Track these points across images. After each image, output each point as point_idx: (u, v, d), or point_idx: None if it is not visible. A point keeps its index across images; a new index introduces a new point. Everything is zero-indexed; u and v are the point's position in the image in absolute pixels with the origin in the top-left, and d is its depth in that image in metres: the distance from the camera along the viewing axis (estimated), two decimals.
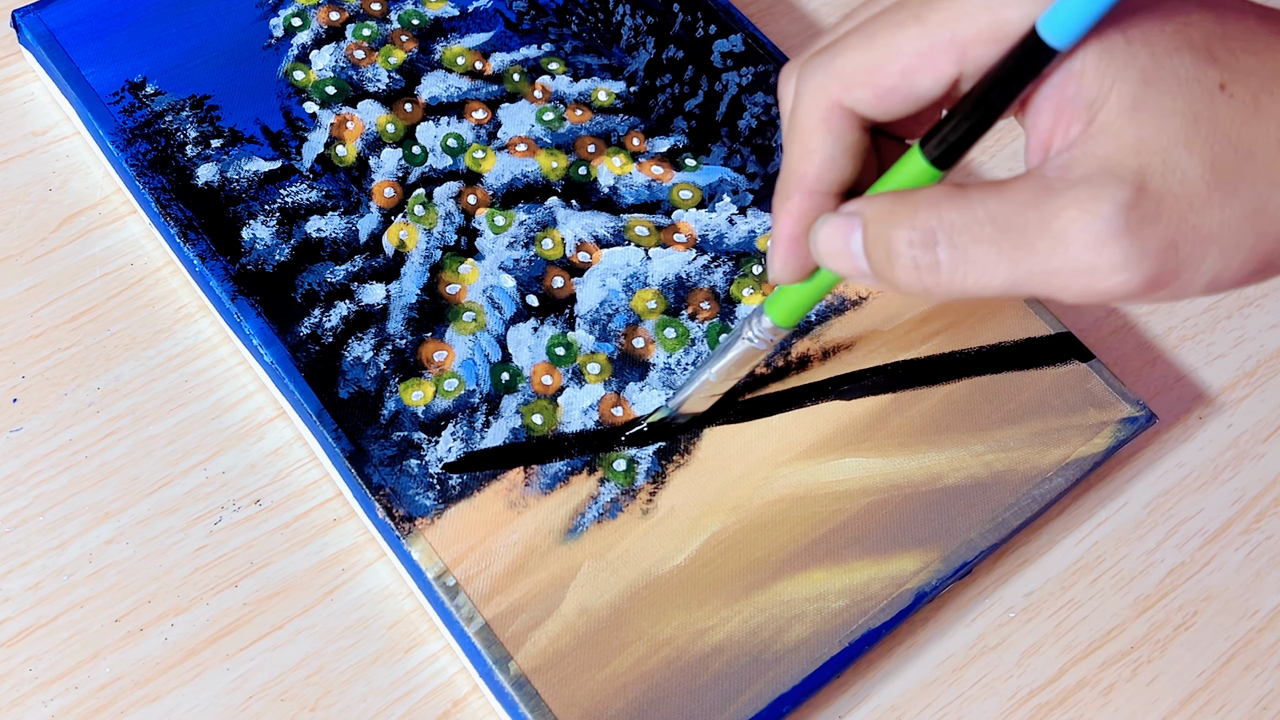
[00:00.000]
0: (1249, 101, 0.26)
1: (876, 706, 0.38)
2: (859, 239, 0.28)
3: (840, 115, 0.29)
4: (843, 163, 0.29)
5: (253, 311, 0.40)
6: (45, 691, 0.36)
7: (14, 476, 0.39)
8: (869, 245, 0.28)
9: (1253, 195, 0.26)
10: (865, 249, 0.28)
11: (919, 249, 0.27)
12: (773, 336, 0.34)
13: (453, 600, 0.36)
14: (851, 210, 0.29)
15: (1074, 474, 0.40)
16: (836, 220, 0.29)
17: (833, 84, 0.28)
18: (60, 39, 0.45)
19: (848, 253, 0.29)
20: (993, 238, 0.26)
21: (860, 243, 0.28)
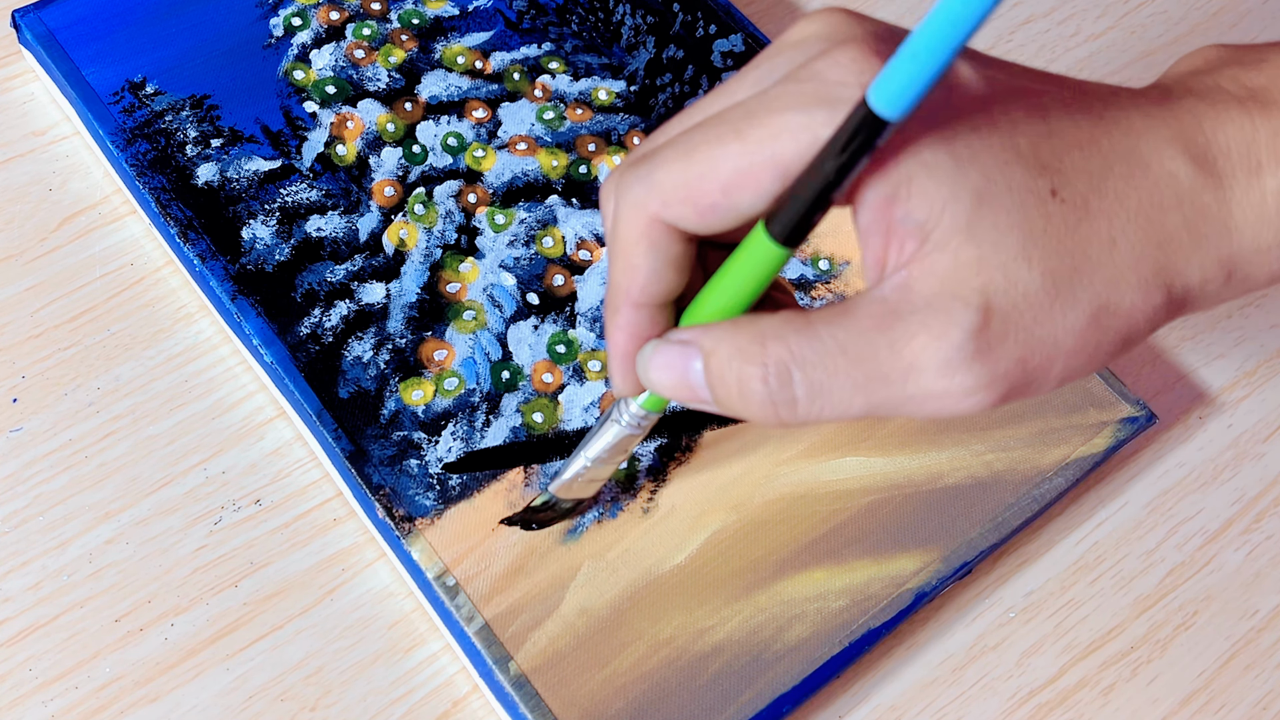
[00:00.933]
0: (1079, 204, 0.26)
1: (876, 706, 0.38)
2: (698, 370, 0.28)
3: (661, 230, 0.28)
4: (667, 275, 0.29)
5: (253, 311, 0.40)
6: (45, 691, 0.36)
7: (14, 476, 0.39)
8: (714, 380, 0.28)
9: (1092, 297, 0.26)
10: (709, 382, 0.28)
11: (774, 386, 0.27)
12: (644, 420, 0.33)
13: (453, 600, 0.36)
14: (685, 339, 0.28)
15: (1074, 474, 0.40)
16: (669, 350, 0.28)
17: (651, 199, 0.28)
18: (60, 39, 0.45)
19: (686, 384, 0.28)
20: (846, 370, 0.26)
21: (700, 374, 0.28)
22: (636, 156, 0.29)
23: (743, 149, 0.26)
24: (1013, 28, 0.53)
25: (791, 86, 0.26)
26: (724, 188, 0.27)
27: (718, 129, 0.27)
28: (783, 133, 0.26)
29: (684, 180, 0.27)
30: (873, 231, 0.26)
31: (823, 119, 0.25)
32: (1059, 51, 0.52)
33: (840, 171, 0.25)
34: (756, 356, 0.27)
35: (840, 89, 0.26)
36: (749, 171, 0.26)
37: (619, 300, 0.29)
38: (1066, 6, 0.54)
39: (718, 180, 0.27)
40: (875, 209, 0.26)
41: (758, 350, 0.27)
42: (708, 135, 0.27)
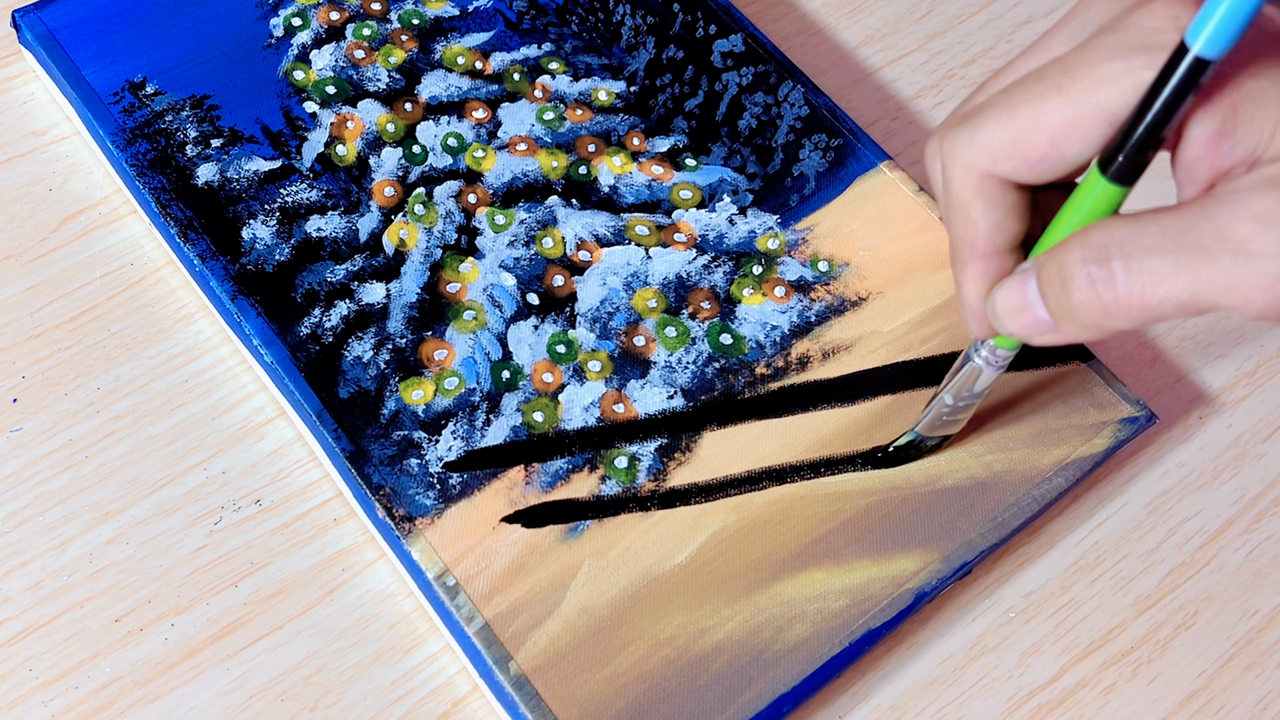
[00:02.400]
0: None
1: (876, 706, 0.38)
2: (1033, 288, 0.29)
3: (994, 184, 0.29)
4: (1007, 224, 0.30)
5: (253, 311, 0.40)
6: (45, 691, 0.36)
7: (14, 476, 0.39)
8: (1044, 283, 0.28)
9: None
10: (1040, 290, 0.29)
11: (1092, 264, 0.27)
12: (1001, 359, 0.35)
13: (453, 600, 0.36)
14: (1025, 266, 0.30)
15: (1074, 474, 0.40)
16: (1011, 282, 0.30)
17: (980, 157, 0.29)
18: (60, 39, 0.45)
19: (1023, 304, 0.29)
20: (1167, 247, 0.26)
21: (1035, 291, 0.29)
22: (957, 118, 0.30)
23: (1067, 101, 0.27)
24: (1013, 28, 0.53)
25: (1109, 38, 0.27)
26: (1052, 140, 0.28)
27: (1038, 85, 0.28)
28: (1106, 82, 0.27)
29: (1010, 137, 0.28)
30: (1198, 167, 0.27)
31: (1143, 64, 0.26)
32: None
33: (1167, 110, 0.26)
34: (1075, 243, 0.27)
35: (1158, 35, 0.27)
36: (1075, 122, 0.27)
37: (965, 253, 0.31)
38: (1066, 7, 0.54)
39: (1045, 133, 0.28)
40: (1200, 145, 0.27)
41: (1079, 238, 0.28)
42: (1029, 92, 0.28)
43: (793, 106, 0.47)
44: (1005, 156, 0.28)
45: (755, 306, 0.42)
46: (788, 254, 0.44)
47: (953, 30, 0.53)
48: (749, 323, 0.42)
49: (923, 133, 0.50)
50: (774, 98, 0.47)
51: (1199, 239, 0.26)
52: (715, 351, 0.41)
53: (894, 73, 0.51)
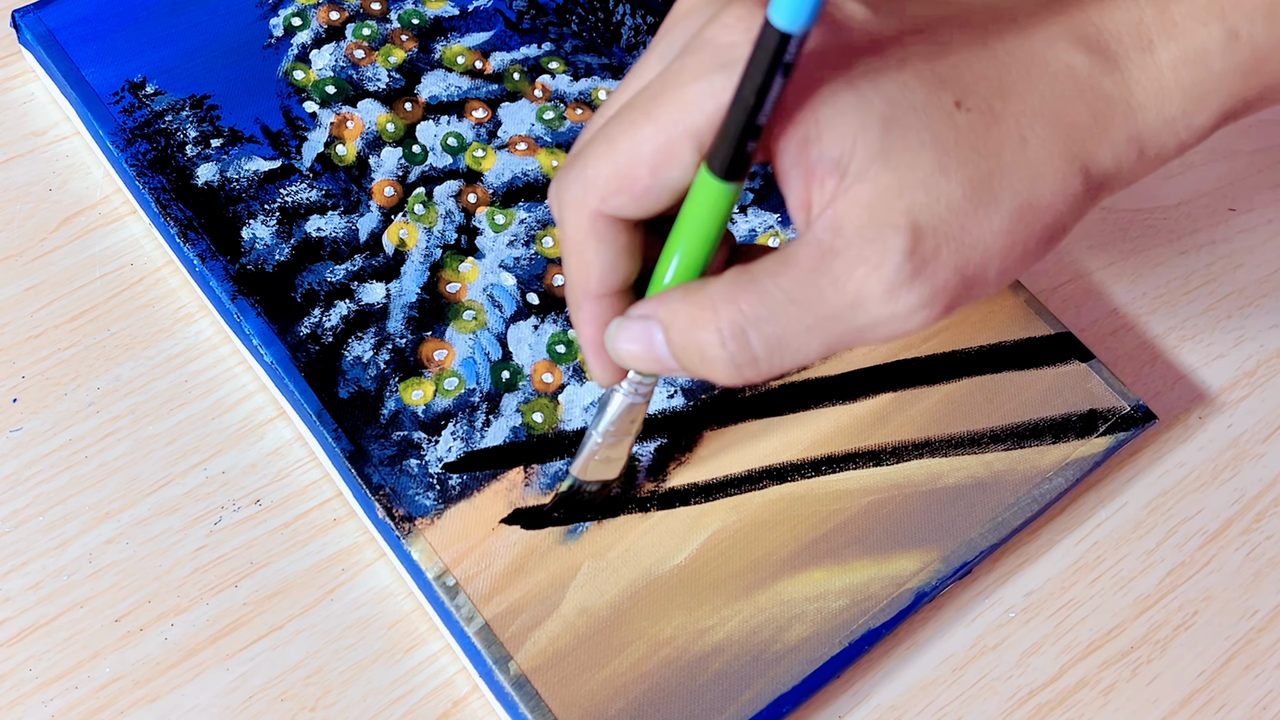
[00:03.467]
0: (985, 110, 0.27)
1: (876, 706, 0.38)
2: (660, 341, 0.29)
3: (605, 223, 0.29)
4: (621, 263, 0.30)
5: (253, 311, 0.40)
6: (45, 691, 0.36)
7: (14, 476, 0.39)
8: (677, 350, 0.29)
9: (1012, 196, 0.27)
10: (673, 353, 0.29)
11: (733, 347, 0.28)
12: (642, 387, 0.33)
13: (453, 600, 0.36)
14: (644, 313, 0.29)
15: (1074, 474, 0.40)
16: (631, 327, 0.29)
17: (589, 196, 0.29)
18: (60, 39, 0.45)
19: (653, 356, 0.29)
20: (797, 317, 0.27)
21: (664, 345, 0.29)
22: (571, 157, 0.30)
23: (657, 129, 0.27)
24: None
25: (690, 59, 0.27)
26: (651, 169, 0.28)
27: (631, 115, 0.28)
28: (688, 105, 0.27)
29: (614, 171, 0.28)
30: (792, 177, 0.27)
31: (722, 83, 0.26)
32: None
33: (759, 94, 0.25)
34: (710, 322, 0.28)
35: (733, 50, 0.27)
36: (668, 149, 0.27)
37: (579, 296, 0.31)
38: None
39: (644, 164, 0.28)
40: (791, 155, 0.27)
41: (710, 316, 0.28)
42: (623, 123, 0.28)
43: None
44: (612, 192, 0.28)
45: None
46: None
47: None
48: None
49: None
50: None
51: (827, 303, 0.27)
52: None
53: None
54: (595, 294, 0.30)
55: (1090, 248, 0.47)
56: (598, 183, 0.28)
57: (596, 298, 0.30)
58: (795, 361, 0.28)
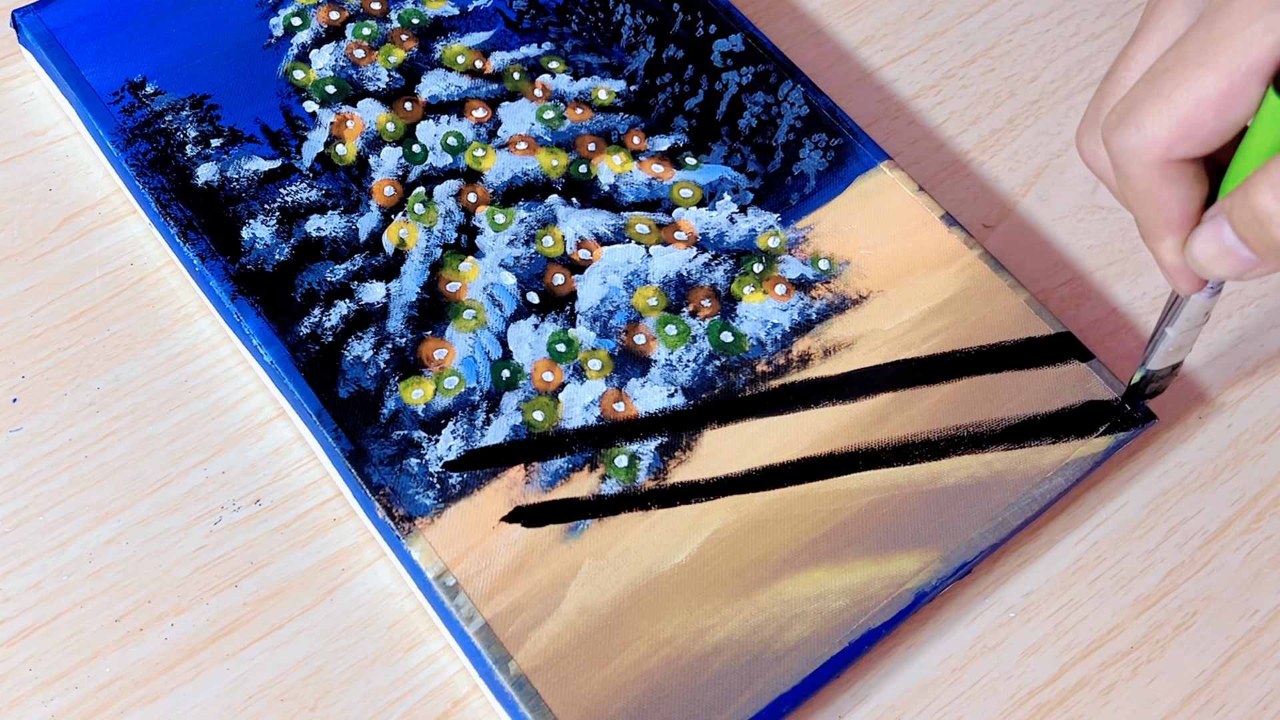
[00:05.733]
0: None
1: (876, 706, 0.38)
2: (1228, 232, 0.31)
3: (1172, 167, 0.31)
4: (1194, 194, 0.32)
5: (252, 311, 0.40)
6: (45, 691, 0.36)
7: (14, 476, 0.39)
8: (1240, 228, 0.30)
9: None
10: (1240, 235, 0.30)
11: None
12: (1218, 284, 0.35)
13: (453, 600, 0.36)
14: (1211, 214, 0.31)
15: (1074, 474, 0.40)
16: (1202, 232, 0.32)
17: (1153, 149, 0.31)
18: (60, 39, 0.45)
19: (1224, 250, 0.31)
20: None
21: (1230, 234, 0.30)
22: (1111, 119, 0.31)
23: (1218, 75, 0.29)
24: (1013, 28, 0.53)
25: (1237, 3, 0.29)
26: (1215, 113, 0.29)
27: (1182, 67, 0.30)
28: (1250, 47, 0.29)
29: (1175, 123, 0.30)
30: None
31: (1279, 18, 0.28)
32: (1059, 52, 0.52)
33: None
34: (1263, 185, 0.29)
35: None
36: (1231, 91, 0.29)
37: (1161, 230, 0.33)
38: (1066, 6, 0.54)
39: (1208, 110, 0.29)
40: None
41: (1262, 179, 0.29)
42: (1175, 76, 0.30)
43: (793, 106, 0.47)
44: (1177, 141, 0.30)
45: (756, 304, 0.42)
46: (788, 252, 0.44)
47: (953, 30, 0.53)
48: (750, 321, 0.42)
49: (922, 132, 0.50)
50: (774, 97, 0.47)
51: None
52: (716, 349, 0.41)
53: (894, 73, 0.51)
54: (1178, 226, 0.32)
55: (1090, 248, 0.47)
56: (1159, 135, 0.30)
57: (1179, 228, 0.32)
58: None
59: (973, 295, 0.43)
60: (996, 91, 0.51)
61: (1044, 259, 0.47)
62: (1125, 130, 0.31)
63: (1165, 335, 0.38)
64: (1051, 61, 0.52)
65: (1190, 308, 0.37)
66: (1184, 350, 0.39)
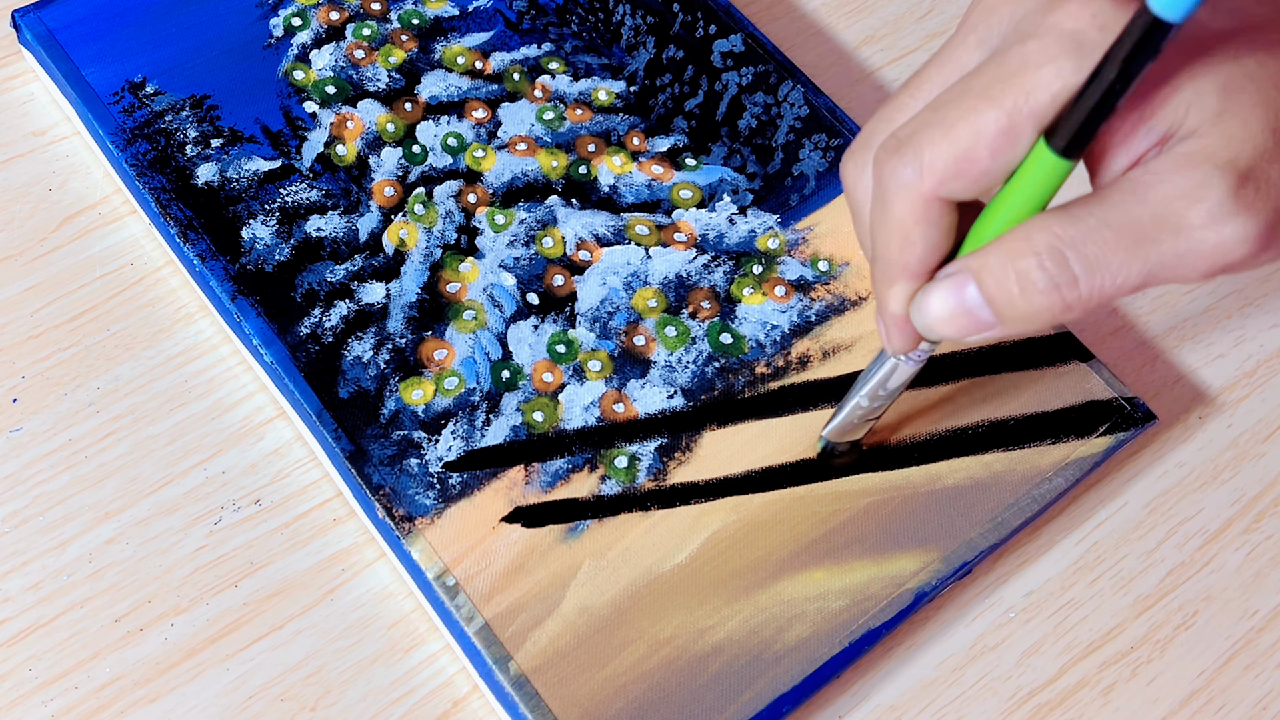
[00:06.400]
0: None
1: (876, 706, 0.38)
2: (973, 292, 0.29)
3: (936, 206, 0.30)
4: (944, 243, 0.31)
5: (252, 311, 0.40)
6: (45, 691, 0.36)
7: (14, 476, 0.39)
8: (992, 291, 0.29)
9: None
10: (988, 297, 0.29)
11: (1052, 269, 0.28)
12: (925, 354, 0.35)
13: (453, 600, 0.36)
14: (953, 270, 0.30)
15: (1074, 474, 0.40)
16: (940, 286, 0.30)
17: (925, 180, 0.29)
18: (60, 39, 0.45)
19: (964, 309, 0.30)
20: (1115, 240, 0.28)
21: (977, 295, 0.29)
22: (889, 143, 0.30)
23: (1001, 113, 0.28)
24: None
25: (1031, 44, 0.28)
26: (992, 152, 0.29)
27: (967, 100, 0.29)
28: (1036, 89, 0.28)
29: (953, 156, 0.29)
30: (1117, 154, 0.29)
31: (1071, 68, 0.28)
32: None
33: (1125, 78, 0.26)
34: (1025, 250, 0.28)
35: (1081, 36, 0.28)
36: (1011, 132, 0.28)
37: (895, 274, 0.31)
38: None
39: (986, 147, 0.29)
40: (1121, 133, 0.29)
41: (1025, 245, 0.28)
42: (961, 108, 0.29)
43: (793, 106, 0.47)
44: (950, 177, 0.29)
45: (755, 306, 0.42)
46: (788, 253, 0.44)
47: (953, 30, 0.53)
48: (749, 322, 0.42)
49: None
50: (774, 98, 0.47)
51: (1142, 227, 0.28)
52: (715, 351, 0.41)
53: (894, 73, 0.51)
54: (915, 273, 0.31)
55: None
56: (936, 166, 0.29)
57: (915, 276, 0.31)
58: (1115, 285, 0.28)
59: None
60: None
61: None
62: (903, 157, 0.30)
63: (859, 405, 0.37)
64: None
65: (893, 377, 0.36)
66: (867, 425, 0.38)
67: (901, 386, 0.36)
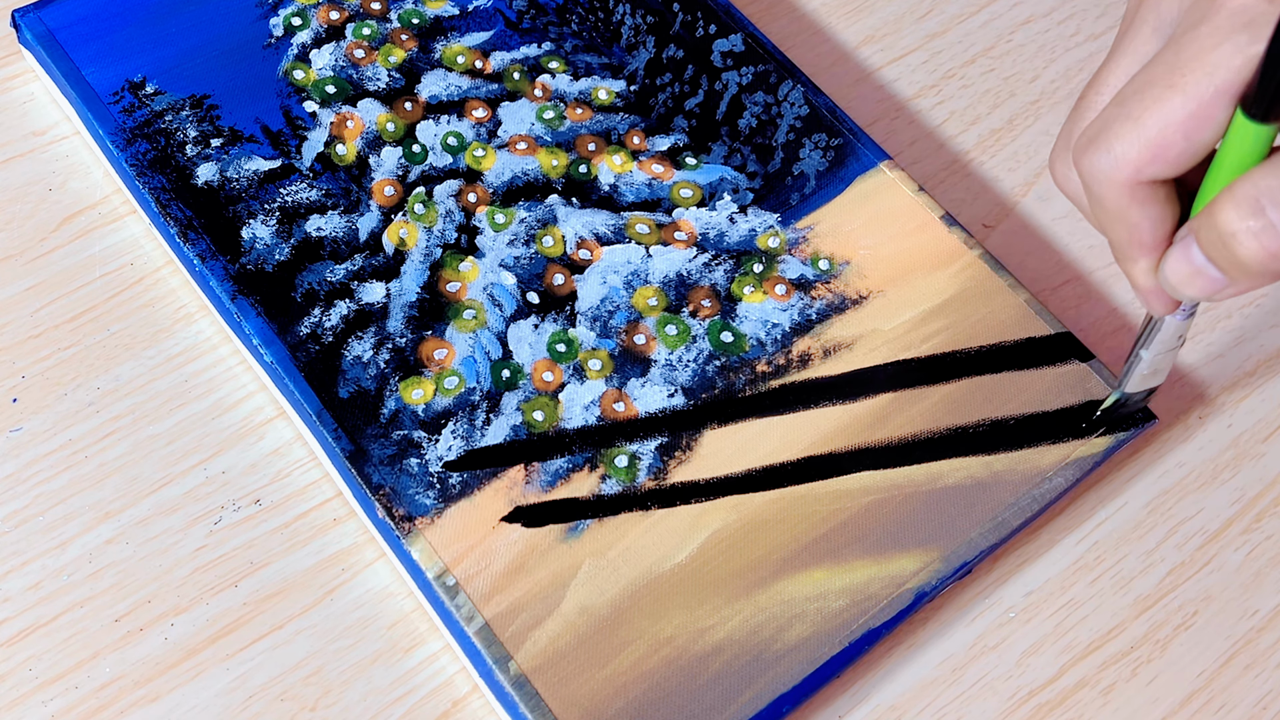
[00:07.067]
0: None
1: (876, 706, 0.38)
2: (1197, 253, 0.31)
3: (1143, 189, 0.31)
4: (1165, 215, 0.32)
5: (252, 311, 0.40)
6: (45, 691, 0.36)
7: (14, 476, 0.39)
8: (1207, 248, 0.30)
9: None
10: (1208, 255, 0.30)
11: (1250, 218, 0.29)
12: (1192, 306, 0.36)
13: (453, 600, 0.36)
14: (1180, 235, 0.32)
15: (1074, 474, 0.40)
16: (1172, 253, 0.32)
17: (1123, 170, 0.31)
18: (60, 39, 0.45)
19: (1193, 270, 0.31)
20: None
21: (1199, 254, 0.31)
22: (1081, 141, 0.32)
23: (1186, 98, 0.29)
24: (1013, 27, 0.53)
25: (1204, 27, 0.29)
26: (1184, 135, 0.30)
27: (1151, 90, 0.30)
28: (1217, 69, 0.29)
29: (1144, 144, 0.30)
30: None
31: (1247, 41, 0.29)
32: (1059, 51, 0.52)
33: None
34: (1226, 203, 0.29)
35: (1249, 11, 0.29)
36: (1200, 113, 0.29)
37: (1134, 252, 0.33)
38: (1066, 6, 0.54)
39: (1176, 132, 0.29)
40: None
41: (1226, 199, 0.29)
42: (1144, 98, 0.30)
43: (793, 106, 0.47)
44: (1147, 163, 0.30)
45: (756, 304, 0.42)
46: (788, 252, 0.44)
47: (953, 30, 0.53)
48: (750, 321, 0.42)
49: (922, 132, 0.50)
50: (774, 97, 0.47)
51: None
52: (716, 349, 0.41)
53: (894, 73, 0.51)
54: (1150, 247, 0.32)
55: (1090, 248, 0.47)
56: (1129, 157, 0.30)
57: (1154, 249, 0.32)
58: None
59: (972, 295, 0.43)
60: (996, 91, 0.51)
61: (1044, 259, 0.47)
62: (1095, 153, 0.31)
63: (1140, 358, 0.38)
64: (1051, 61, 0.52)
65: (1165, 330, 0.37)
66: (1159, 374, 0.39)
67: (1182, 338, 0.38)
